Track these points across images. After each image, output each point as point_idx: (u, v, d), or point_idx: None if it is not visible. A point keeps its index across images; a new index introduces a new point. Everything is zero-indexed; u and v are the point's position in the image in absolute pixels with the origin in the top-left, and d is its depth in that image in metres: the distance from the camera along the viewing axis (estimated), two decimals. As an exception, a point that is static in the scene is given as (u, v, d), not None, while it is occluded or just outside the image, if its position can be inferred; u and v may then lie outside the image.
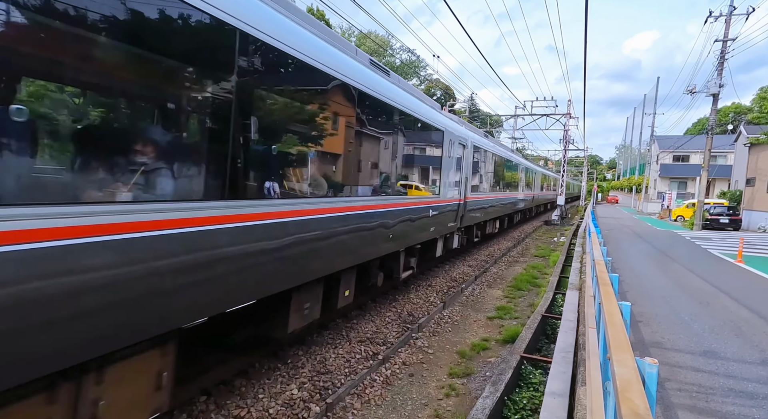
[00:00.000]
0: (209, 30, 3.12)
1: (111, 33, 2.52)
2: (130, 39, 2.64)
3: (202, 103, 3.24)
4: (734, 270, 11.99)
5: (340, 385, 4.70)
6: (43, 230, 2.17)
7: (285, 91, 4.21)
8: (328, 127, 5.01)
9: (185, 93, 3.14)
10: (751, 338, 6.25)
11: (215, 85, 3.28)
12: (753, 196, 26.69)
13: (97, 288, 2.43)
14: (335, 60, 4.87)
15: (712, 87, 23.85)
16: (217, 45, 3.23)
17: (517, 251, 15.72)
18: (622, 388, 1.87)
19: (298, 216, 4.20)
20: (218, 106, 3.28)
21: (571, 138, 33.66)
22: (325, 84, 4.70)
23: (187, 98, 3.16)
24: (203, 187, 3.20)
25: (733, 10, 23.36)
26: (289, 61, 4.00)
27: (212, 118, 3.27)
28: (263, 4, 3.84)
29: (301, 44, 4.16)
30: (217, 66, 3.27)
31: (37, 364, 2.23)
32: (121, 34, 2.58)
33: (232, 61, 3.31)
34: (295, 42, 4.05)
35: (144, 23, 2.70)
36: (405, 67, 48.92)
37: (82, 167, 2.54)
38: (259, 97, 3.79)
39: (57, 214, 2.23)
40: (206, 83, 3.25)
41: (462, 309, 8.01)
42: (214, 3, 3.06)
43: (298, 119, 4.50)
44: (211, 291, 3.25)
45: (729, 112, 59.49)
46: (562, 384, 4.16)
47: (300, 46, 4.13)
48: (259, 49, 3.59)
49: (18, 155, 2.22)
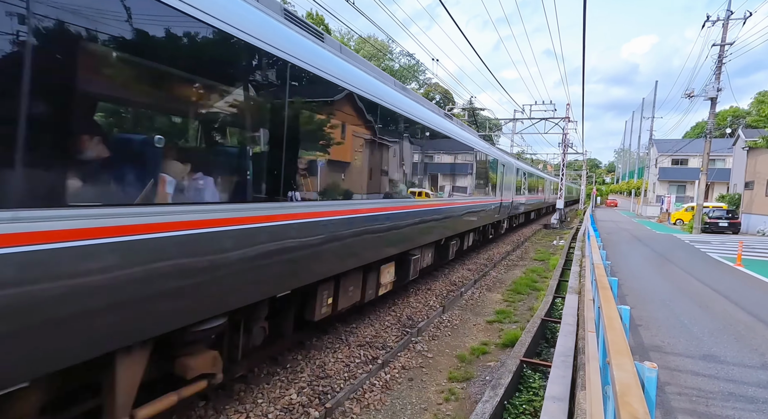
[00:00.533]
0: (328, 88, 4.77)
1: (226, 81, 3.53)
2: (245, 89, 3.65)
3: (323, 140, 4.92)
4: (733, 273, 11.99)
5: (339, 390, 4.69)
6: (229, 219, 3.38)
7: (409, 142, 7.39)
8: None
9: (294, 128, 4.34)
10: (750, 342, 6.25)
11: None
12: (752, 199, 26.73)
13: (249, 259, 3.62)
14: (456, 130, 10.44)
15: (710, 91, 23.94)
16: (327, 98, 4.86)
17: (516, 255, 15.71)
18: (622, 393, 1.87)
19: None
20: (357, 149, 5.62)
21: (570, 141, 33.75)
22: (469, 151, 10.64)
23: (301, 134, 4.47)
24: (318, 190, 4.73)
25: (730, 14, 23.49)
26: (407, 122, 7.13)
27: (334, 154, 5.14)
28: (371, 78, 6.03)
29: (391, 99, 6.44)
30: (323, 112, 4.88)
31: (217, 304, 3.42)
32: (231, 85, 3.56)
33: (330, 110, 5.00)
34: (378, 93, 6.00)
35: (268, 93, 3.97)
36: (404, 71, 49.02)
37: (255, 180, 3.81)
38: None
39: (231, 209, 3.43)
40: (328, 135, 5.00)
41: (461, 313, 7.99)
42: (338, 76, 4.89)
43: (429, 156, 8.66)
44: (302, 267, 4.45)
45: (727, 115, 59.67)
46: (562, 389, 4.15)
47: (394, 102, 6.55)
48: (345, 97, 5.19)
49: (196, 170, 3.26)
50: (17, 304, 2.17)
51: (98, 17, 2.47)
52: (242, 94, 3.62)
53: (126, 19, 2.62)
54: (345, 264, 5.31)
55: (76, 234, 2.36)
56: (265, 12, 3.96)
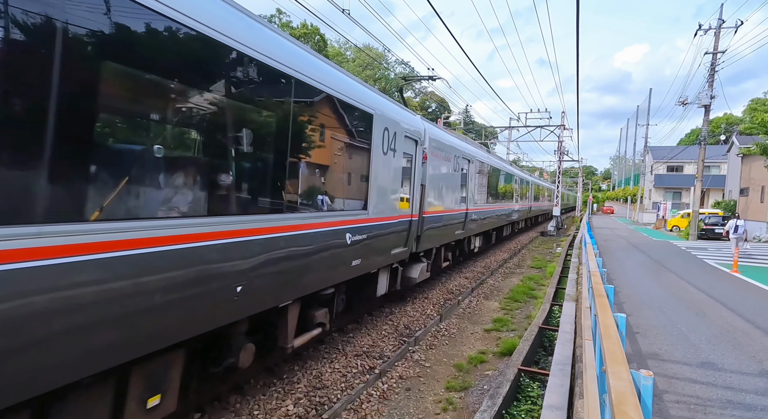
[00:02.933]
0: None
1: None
2: (286, 118, 4.17)
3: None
4: (730, 280, 12.01)
5: (336, 400, 4.65)
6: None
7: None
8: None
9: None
10: (748, 349, 6.24)
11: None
12: (747, 205, 26.90)
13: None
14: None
15: (703, 98, 24.19)
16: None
17: (513, 262, 15.71)
18: (618, 401, 1.86)
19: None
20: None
21: (566, 149, 33.94)
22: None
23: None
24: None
25: (722, 23, 23.82)
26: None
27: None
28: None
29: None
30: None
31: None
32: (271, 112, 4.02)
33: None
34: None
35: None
36: (399, 80, 49.37)
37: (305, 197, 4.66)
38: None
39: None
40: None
41: (459, 321, 7.97)
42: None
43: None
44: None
45: (721, 122, 60.25)
46: (560, 398, 4.13)
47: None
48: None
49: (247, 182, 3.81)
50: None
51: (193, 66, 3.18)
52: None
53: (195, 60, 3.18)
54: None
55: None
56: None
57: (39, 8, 2.22)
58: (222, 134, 3.51)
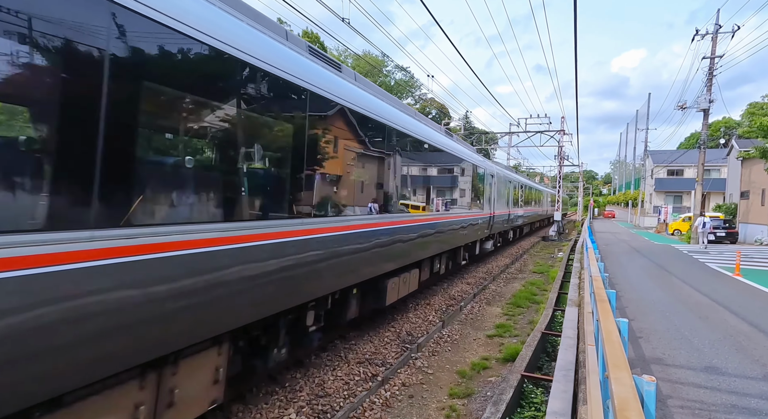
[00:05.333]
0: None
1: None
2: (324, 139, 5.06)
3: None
4: (732, 283, 11.99)
5: (339, 408, 4.64)
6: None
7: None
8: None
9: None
10: (752, 352, 6.22)
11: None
12: (748, 209, 26.84)
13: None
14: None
15: (702, 102, 24.26)
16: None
17: (515, 267, 15.69)
18: (620, 407, 1.87)
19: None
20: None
21: (566, 154, 34.00)
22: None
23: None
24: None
25: (719, 28, 23.96)
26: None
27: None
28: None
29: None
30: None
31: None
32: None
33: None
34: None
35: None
36: (398, 87, 49.62)
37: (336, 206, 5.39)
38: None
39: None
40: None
41: (461, 327, 7.95)
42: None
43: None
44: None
45: (720, 126, 60.30)
46: (564, 404, 4.12)
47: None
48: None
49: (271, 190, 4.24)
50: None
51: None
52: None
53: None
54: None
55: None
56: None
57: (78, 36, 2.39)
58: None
